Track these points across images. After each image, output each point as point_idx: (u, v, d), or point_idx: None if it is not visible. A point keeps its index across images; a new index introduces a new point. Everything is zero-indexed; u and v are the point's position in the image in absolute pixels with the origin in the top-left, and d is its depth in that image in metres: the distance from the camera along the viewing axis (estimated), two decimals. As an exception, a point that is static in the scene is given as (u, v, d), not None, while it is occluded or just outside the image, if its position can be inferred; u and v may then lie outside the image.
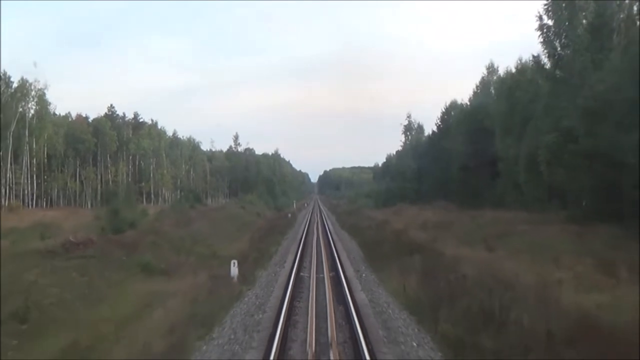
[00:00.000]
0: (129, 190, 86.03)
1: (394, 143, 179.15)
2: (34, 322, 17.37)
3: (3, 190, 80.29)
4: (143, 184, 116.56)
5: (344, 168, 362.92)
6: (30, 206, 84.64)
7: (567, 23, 41.95)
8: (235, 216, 71.91)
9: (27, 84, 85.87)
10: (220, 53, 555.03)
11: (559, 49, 42.79)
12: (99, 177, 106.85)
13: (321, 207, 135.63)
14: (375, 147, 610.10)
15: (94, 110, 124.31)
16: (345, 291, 21.39)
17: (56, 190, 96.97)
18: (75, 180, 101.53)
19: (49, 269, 23.77)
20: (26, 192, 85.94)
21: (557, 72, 42.85)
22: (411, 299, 19.92)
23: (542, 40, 43.00)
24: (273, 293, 22.59)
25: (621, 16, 40.87)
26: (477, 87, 76.40)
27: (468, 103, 76.53)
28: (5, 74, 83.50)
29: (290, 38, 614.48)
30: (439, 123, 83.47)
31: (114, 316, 18.46)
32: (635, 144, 28.24)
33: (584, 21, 41.88)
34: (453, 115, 79.66)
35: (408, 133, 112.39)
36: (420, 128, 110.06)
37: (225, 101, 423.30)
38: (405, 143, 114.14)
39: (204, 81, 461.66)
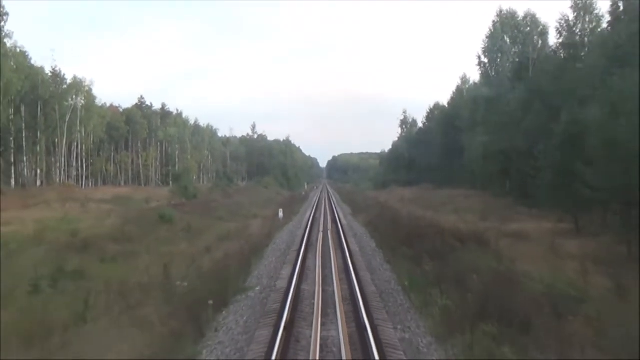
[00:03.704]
0: (188, 172, 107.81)
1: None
2: (193, 232, 40.67)
3: (58, 172, 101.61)
4: (170, 167, 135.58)
5: (352, 154, 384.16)
6: (82, 186, 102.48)
7: (498, 61, 65.84)
8: (261, 193, 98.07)
9: (78, 81, 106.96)
10: (232, 36, 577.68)
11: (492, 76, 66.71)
12: (131, 161, 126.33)
13: (329, 189, 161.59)
14: (383, 134, 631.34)
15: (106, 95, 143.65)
16: (338, 223, 45.46)
17: (100, 172, 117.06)
18: (111, 164, 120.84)
19: (182, 212, 47.67)
20: (76, 173, 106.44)
21: (490, 94, 66.29)
22: (370, 224, 44.11)
23: (480, 71, 67.26)
24: (301, 223, 46.87)
25: (534, 56, 64.24)
26: (453, 93, 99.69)
27: (447, 105, 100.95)
28: (59, 72, 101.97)
29: (300, 21, 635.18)
30: (425, 121, 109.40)
31: (233, 228, 42.24)
32: (522, 146, 51.17)
33: (508, 63, 65.74)
34: (436, 115, 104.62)
35: (404, 126, 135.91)
36: (414, 122, 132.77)
37: (235, 85, 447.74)
38: (400, 135, 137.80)
39: (213, 65, 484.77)
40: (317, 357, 12.68)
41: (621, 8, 49.26)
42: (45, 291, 20.36)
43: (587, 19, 56.41)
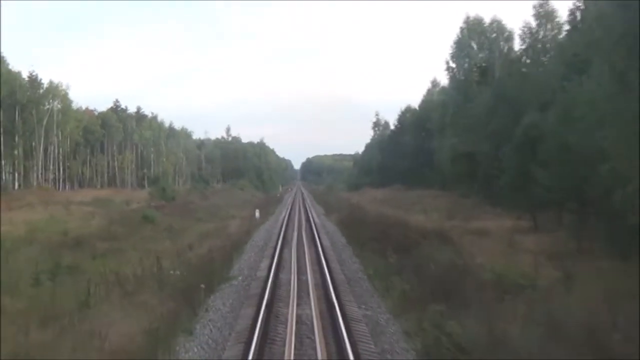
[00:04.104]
0: (166, 175, 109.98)
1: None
2: (175, 232, 43.24)
3: (35, 175, 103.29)
4: (145, 170, 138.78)
5: (326, 155, 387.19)
6: (59, 189, 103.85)
7: (465, 66, 68.97)
8: (237, 195, 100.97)
9: (54, 86, 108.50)
10: (207, 40, 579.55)
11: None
12: (107, 164, 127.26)
13: (303, 190, 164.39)
14: (358, 135, 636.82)
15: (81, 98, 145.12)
16: (311, 222, 48.29)
17: (76, 175, 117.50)
18: (87, 167, 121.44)
19: (162, 213, 50.21)
20: (54, 176, 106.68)
21: (457, 98, 69.39)
22: (341, 223, 47.05)
23: (448, 76, 70.39)
24: (277, 222, 49.68)
25: (500, 61, 67.36)
26: (424, 96, 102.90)
27: (417, 108, 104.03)
28: (36, 76, 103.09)
29: (274, 27, 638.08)
30: (397, 123, 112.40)
31: (212, 228, 44.85)
32: (488, 149, 54.05)
33: (475, 68, 68.91)
34: (407, 117, 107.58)
35: (376, 128, 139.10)
36: (386, 124, 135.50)
37: (207, 87, 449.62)
38: (373, 137, 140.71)
39: (188, 68, 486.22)
40: (294, 328, 15.40)
41: (578, 17, 52.07)
42: (45, 284, 22.54)
43: (549, 26, 59.30)
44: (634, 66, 20.67)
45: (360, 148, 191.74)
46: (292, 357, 13.03)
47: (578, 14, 52.44)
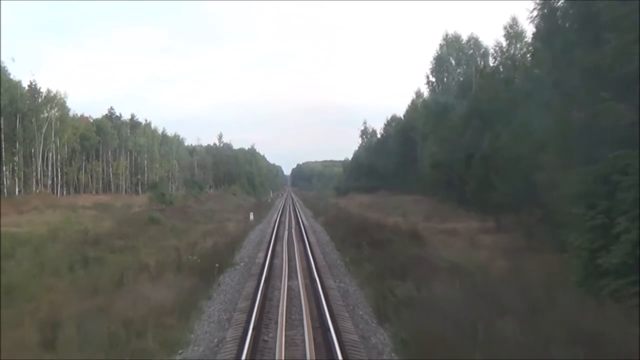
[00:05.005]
0: (163, 181, 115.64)
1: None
2: (179, 232, 49.08)
3: (35, 181, 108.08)
4: (139, 176, 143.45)
5: (316, 162, 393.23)
6: (56, 194, 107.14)
7: (444, 80, 75.32)
8: (230, 200, 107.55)
9: (52, 94, 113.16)
10: (194, 44, 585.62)
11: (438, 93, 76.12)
12: (102, 170, 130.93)
13: (293, 196, 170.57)
14: (348, 142, 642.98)
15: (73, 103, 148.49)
16: (300, 223, 54.51)
17: (72, 181, 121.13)
18: (83, 172, 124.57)
19: (164, 216, 56.21)
20: (52, 182, 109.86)
21: (440, 110, 75.51)
22: (327, 224, 53.40)
23: (429, 90, 76.70)
24: (270, 224, 55.94)
25: (477, 76, 73.60)
26: (408, 106, 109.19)
27: (402, 117, 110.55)
28: (36, 85, 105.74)
29: (266, 31, 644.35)
30: (383, 132, 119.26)
31: (212, 228, 50.85)
32: (462, 157, 60.06)
33: (453, 82, 75.19)
34: (393, 126, 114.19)
35: (364, 136, 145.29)
36: (373, 132, 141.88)
37: (199, 92, 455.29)
38: (361, 144, 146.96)
39: (176, 72, 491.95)
40: (285, 292, 21.54)
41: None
42: (79, 271, 28.21)
43: (518, 46, 65.41)
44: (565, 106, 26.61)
45: (350, 154, 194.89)
46: (284, 309, 19.07)
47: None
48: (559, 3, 29.31)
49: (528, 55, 62.71)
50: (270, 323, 17.80)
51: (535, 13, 30.88)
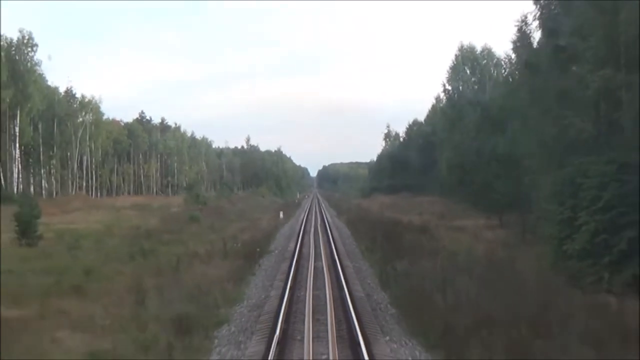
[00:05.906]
0: (197, 184, 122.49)
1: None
2: (217, 228, 55.76)
3: (71, 183, 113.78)
4: (170, 178, 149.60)
5: (342, 163, 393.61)
6: (91, 196, 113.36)
7: (460, 88, 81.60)
8: (259, 201, 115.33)
9: (87, 100, 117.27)
10: (223, 47, 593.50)
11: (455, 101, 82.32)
12: (133, 172, 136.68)
13: (319, 197, 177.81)
14: (373, 144, 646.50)
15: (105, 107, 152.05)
16: (325, 220, 61.64)
17: (105, 183, 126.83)
18: (115, 175, 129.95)
19: (207, 212, 63.27)
20: (87, 184, 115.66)
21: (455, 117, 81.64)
22: (349, 221, 60.59)
23: (445, 98, 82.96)
24: (298, 221, 63.31)
25: (490, 85, 79.59)
26: (429, 111, 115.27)
27: (423, 122, 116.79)
28: (72, 91, 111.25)
29: (293, 35, 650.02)
30: (404, 136, 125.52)
31: (246, 225, 57.72)
32: (474, 161, 66.19)
33: (468, 90, 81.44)
34: (414, 130, 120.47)
35: (387, 139, 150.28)
36: (396, 135, 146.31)
37: (226, 95, 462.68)
38: (384, 148, 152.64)
39: (204, 74, 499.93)
40: (312, 270, 28.28)
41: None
42: (138, 260, 33.69)
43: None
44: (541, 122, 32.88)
45: (375, 156, 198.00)
46: (312, 278, 25.74)
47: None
48: (535, 39, 35.85)
49: (510, 78, 68.20)
50: (301, 287, 24.55)
51: (517, 44, 37.47)
